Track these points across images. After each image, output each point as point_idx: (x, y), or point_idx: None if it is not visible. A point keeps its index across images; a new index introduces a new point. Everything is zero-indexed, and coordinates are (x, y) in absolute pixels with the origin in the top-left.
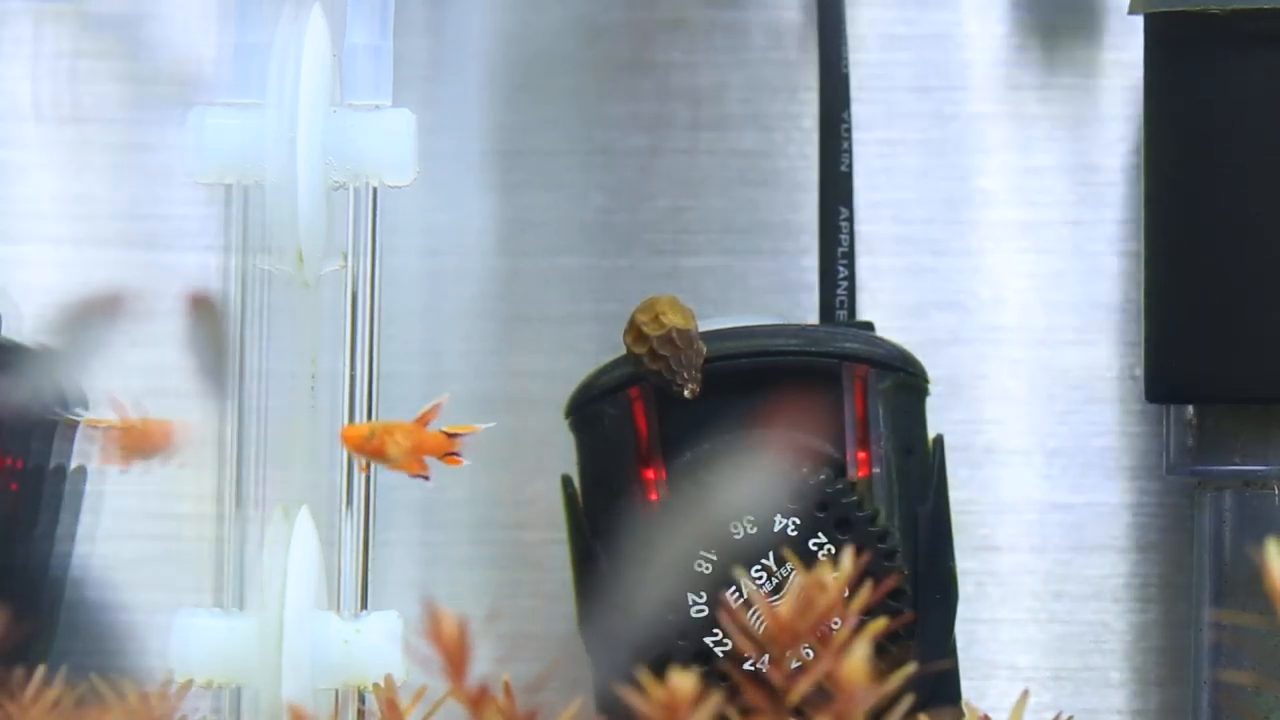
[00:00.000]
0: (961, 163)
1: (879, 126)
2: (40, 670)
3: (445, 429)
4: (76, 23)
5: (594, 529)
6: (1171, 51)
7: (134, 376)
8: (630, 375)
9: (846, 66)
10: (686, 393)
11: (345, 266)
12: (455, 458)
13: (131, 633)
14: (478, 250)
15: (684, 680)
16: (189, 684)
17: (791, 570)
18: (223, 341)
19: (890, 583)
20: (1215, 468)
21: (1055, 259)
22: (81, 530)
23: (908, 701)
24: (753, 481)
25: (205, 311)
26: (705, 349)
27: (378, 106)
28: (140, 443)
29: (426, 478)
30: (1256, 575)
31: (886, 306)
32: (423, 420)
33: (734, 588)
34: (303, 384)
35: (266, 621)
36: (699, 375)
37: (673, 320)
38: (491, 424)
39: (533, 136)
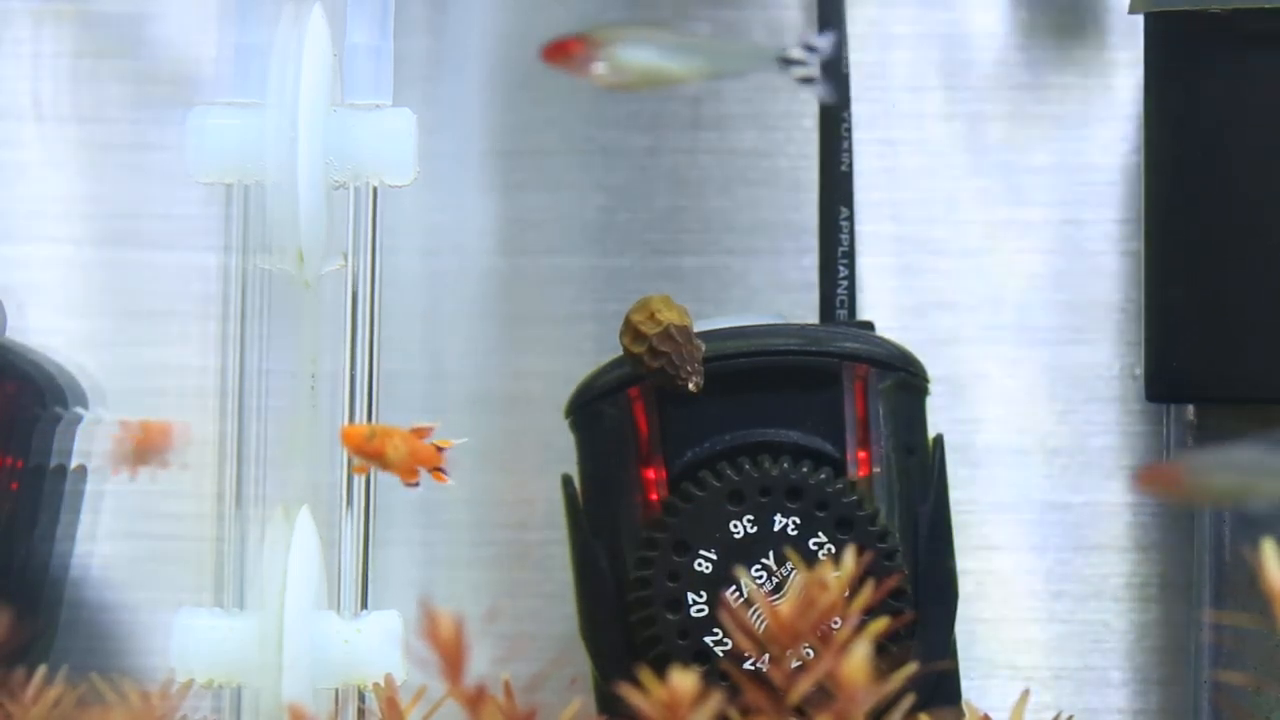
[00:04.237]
0: (961, 162)
1: (879, 126)
2: (41, 670)
3: (434, 442)
4: (76, 23)
5: (594, 529)
6: (1171, 51)
7: (134, 376)
8: (630, 375)
9: (847, 66)
10: (691, 386)
11: (345, 266)
12: (441, 474)
13: (131, 633)
14: (478, 250)
15: (684, 680)
16: (189, 684)
17: (792, 569)
18: None
19: (891, 582)
20: None
21: (1055, 259)
22: (81, 530)
23: (908, 701)
24: None
25: None
26: (703, 346)
27: (378, 106)
28: (142, 448)
29: (416, 484)
30: (1256, 575)
31: (886, 306)
32: (418, 434)
33: (734, 587)
34: (303, 384)
35: (266, 621)
36: (701, 369)
37: (669, 317)
38: (465, 439)
39: (533, 136)
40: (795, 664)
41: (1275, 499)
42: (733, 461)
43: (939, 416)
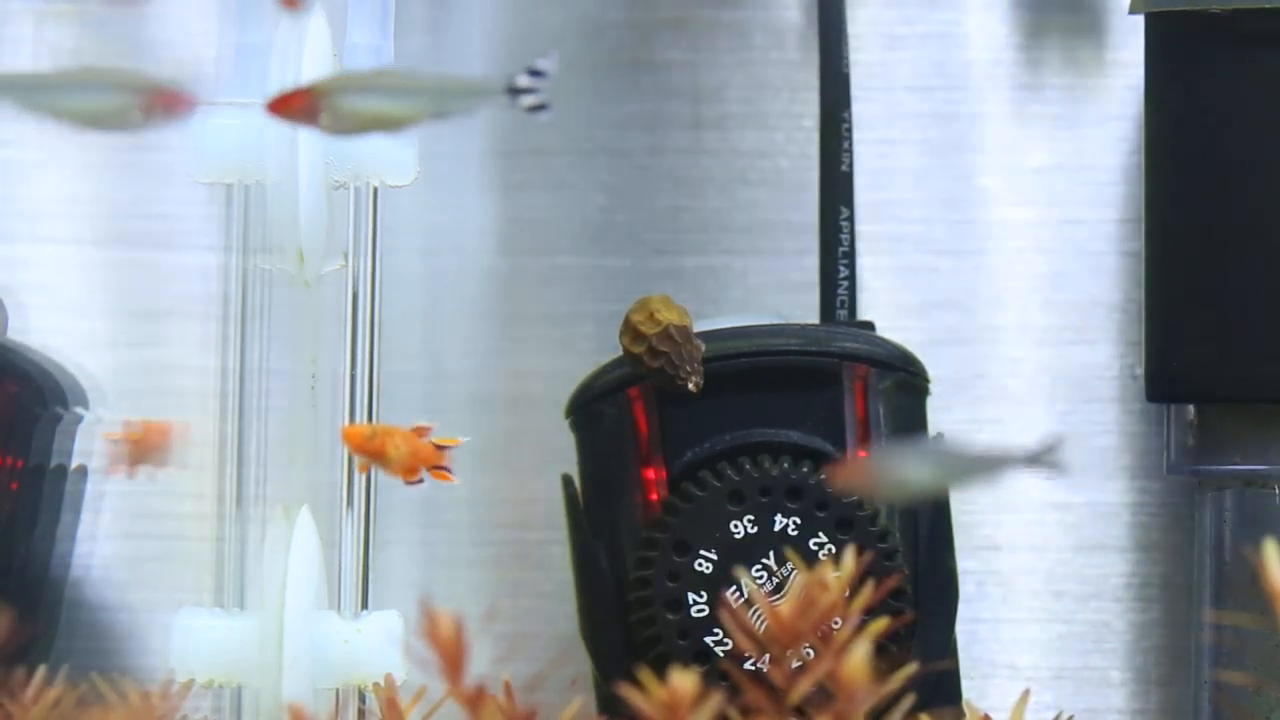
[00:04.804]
0: (961, 162)
1: (879, 126)
2: (41, 670)
3: (434, 441)
4: (76, 23)
5: (594, 529)
6: (1171, 51)
7: (134, 376)
8: (630, 375)
9: (847, 66)
10: (691, 385)
11: (345, 266)
12: (444, 473)
13: (131, 633)
14: (478, 250)
15: (684, 680)
16: (189, 684)
17: (792, 569)
18: None
19: (891, 582)
20: (1215, 468)
21: (1055, 259)
22: (81, 530)
23: (908, 701)
24: None
25: None
26: (703, 346)
27: None
28: (143, 448)
29: (420, 482)
30: (1257, 575)
31: (887, 306)
32: (418, 433)
33: (735, 587)
34: (303, 384)
35: (267, 621)
36: (701, 369)
37: (668, 317)
38: (468, 438)
39: (533, 136)
40: (795, 664)
41: (960, 490)
42: (733, 461)
43: (939, 416)
